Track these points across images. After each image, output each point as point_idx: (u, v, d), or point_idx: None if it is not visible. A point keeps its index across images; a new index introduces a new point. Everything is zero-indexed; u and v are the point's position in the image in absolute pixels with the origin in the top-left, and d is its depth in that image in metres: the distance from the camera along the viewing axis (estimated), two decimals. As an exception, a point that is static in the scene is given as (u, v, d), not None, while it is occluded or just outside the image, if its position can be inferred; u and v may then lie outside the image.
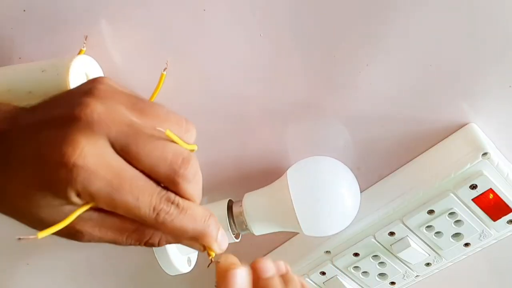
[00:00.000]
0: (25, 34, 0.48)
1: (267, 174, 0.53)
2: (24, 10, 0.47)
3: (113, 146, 0.27)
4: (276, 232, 0.52)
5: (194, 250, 0.52)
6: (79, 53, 0.47)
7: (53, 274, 0.67)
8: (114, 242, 0.30)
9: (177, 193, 0.29)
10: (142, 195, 0.27)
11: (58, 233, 0.28)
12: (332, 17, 0.45)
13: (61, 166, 0.25)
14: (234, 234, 0.51)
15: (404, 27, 0.44)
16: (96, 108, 0.26)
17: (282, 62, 0.48)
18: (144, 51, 0.49)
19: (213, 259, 0.32)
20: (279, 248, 0.60)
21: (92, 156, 0.25)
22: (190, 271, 0.53)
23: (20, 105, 0.45)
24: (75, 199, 0.26)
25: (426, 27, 0.44)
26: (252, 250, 0.61)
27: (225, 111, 0.51)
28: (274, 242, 0.60)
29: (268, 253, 0.61)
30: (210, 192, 0.56)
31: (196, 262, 0.54)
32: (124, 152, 0.27)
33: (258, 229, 0.51)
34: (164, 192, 0.28)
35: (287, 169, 0.51)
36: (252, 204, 0.50)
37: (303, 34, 0.46)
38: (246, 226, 0.50)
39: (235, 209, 0.51)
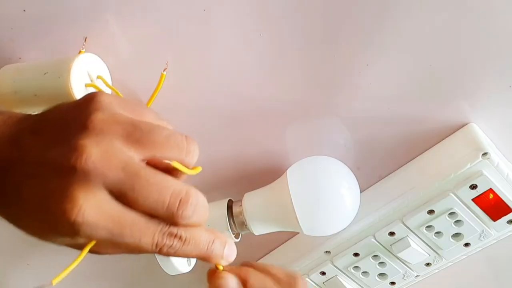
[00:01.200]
0: (25, 34, 0.48)
1: (267, 174, 0.53)
2: (24, 10, 0.47)
3: (111, 192, 0.28)
4: (276, 232, 0.52)
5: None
6: (79, 53, 0.47)
7: (53, 274, 0.67)
8: (131, 253, 0.31)
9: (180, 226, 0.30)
10: (144, 237, 0.28)
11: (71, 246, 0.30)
12: (332, 17, 0.45)
13: (64, 222, 0.27)
14: (234, 234, 0.51)
15: (404, 27, 0.44)
16: (91, 155, 0.27)
17: (282, 62, 0.48)
18: (144, 51, 0.49)
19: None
20: (279, 248, 0.60)
21: (91, 210, 0.27)
22: (190, 271, 0.53)
23: (29, 105, 0.45)
24: (82, 241, 0.29)
25: (426, 27, 0.44)
26: (252, 250, 0.61)
27: (225, 111, 0.51)
28: (274, 242, 0.60)
29: (268, 253, 0.61)
30: (210, 192, 0.56)
31: (196, 262, 0.54)
32: (122, 197, 0.28)
33: (258, 229, 0.51)
34: (166, 228, 0.29)
35: (287, 169, 0.51)
36: (252, 204, 0.50)
37: (303, 34, 0.46)
38: (246, 226, 0.50)
39: (235, 209, 0.51)
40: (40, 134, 0.29)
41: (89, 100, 0.29)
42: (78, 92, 0.44)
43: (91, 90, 0.46)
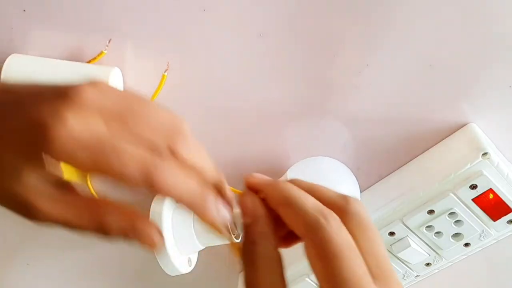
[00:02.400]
0: (25, 34, 0.48)
1: (267, 175, 0.53)
2: (24, 10, 0.47)
3: (105, 120, 0.25)
4: (276, 232, 0.52)
5: (195, 251, 0.52)
6: (99, 55, 0.47)
7: (53, 274, 0.67)
8: (69, 223, 0.27)
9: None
10: (131, 161, 0.25)
11: (8, 205, 0.26)
12: (332, 17, 0.45)
13: (44, 131, 0.24)
14: (234, 234, 0.51)
15: (404, 28, 0.44)
16: (88, 89, 0.25)
17: (282, 62, 0.48)
18: (144, 52, 0.49)
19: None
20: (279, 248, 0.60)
21: (78, 126, 0.24)
22: (190, 271, 0.53)
23: None
24: (49, 163, 0.25)
25: (426, 27, 0.44)
26: (252, 250, 0.61)
27: (225, 112, 0.51)
28: (274, 242, 0.60)
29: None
30: (210, 192, 0.56)
31: (196, 262, 0.54)
32: (116, 125, 0.25)
33: (258, 229, 0.50)
34: (158, 158, 0.26)
35: (287, 170, 0.51)
36: (252, 204, 0.50)
37: (303, 34, 0.46)
38: (246, 226, 0.50)
39: (235, 210, 0.51)
40: (22, 89, 0.27)
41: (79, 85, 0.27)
42: None
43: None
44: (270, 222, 0.30)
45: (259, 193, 0.30)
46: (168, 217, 0.49)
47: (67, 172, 0.28)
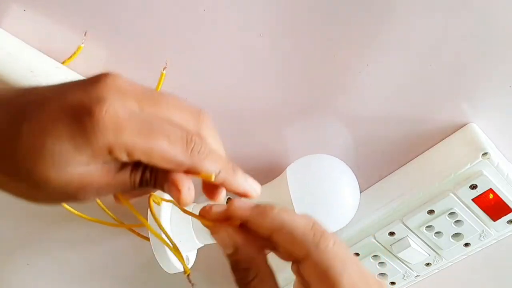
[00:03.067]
0: (25, 34, 0.48)
1: (267, 173, 0.53)
2: (24, 10, 0.47)
3: (139, 102, 0.27)
4: (276, 232, 0.52)
5: (193, 248, 0.52)
6: (77, 50, 0.48)
7: (53, 274, 0.67)
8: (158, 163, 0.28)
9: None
10: (174, 134, 0.27)
11: (58, 196, 0.27)
12: (332, 17, 0.45)
13: (91, 119, 0.25)
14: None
15: (404, 28, 0.45)
16: (118, 77, 0.27)
17: (282, 62, 0.48)
18: (144, 50, 0.49)
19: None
20: (279, 248, 0.60)
21: (120, 109, 0.26)
22: (189, 269, 0.52)
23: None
24: (103, 153, 0.26)
25: (426, 27, 0.44)
26: (252, 250, 0.61)
27: (225, 110, 0.51)
28: (274, 242, 0.60)
29: (268, 253, 0.61)
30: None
31: (195, 260, 0.54)
32: (149, 106, 0.27)
33: (258, 228, 0.50)
34: (194, 133, 0.28)
35: (286, 168, 0.51)
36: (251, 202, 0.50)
37: (303, 34, 0.46)
38: (246, 225, 0.50)
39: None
40: (52, 87, 0.28)
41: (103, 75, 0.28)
42: None
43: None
44: (253, 243, 0.31)
45: (235, 220, 0.31)
46: (167, 215, 0.49)
47: None
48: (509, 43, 0.44)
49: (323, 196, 0.48)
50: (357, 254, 0.54)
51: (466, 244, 0.51)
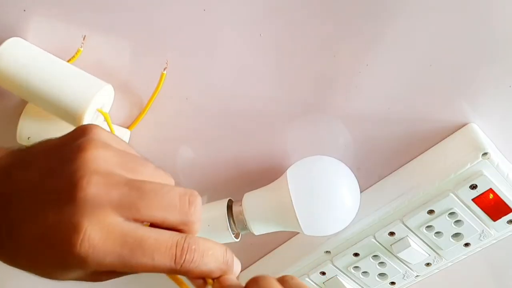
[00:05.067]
0: (25, 34, 0.48)
1: (267, 174, 0.53)
2: (24, 10, 0.47)
3: (117, 210, 0.26)
4: (276, 232, 0.52)
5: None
6: (76, 53, 0.48)
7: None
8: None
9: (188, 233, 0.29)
10: (158, 253, 0.26)
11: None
12: (332, 17, 0.45)
13: (71, 253, 0.25)
14: (234, 233, 0.51)
15: (404, 27, 0.44)
16: (91, 180, 0.26)
17: (282, 62, 0.48)
18: (144, 50, 0.49)
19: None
20: (279, 248, 0.60)
21: (96, 234, 0.25)
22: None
23: (31, 79, 0.44)
24: (91, 270, 0.27)
25: (426, 27, 0.44)
26: (252, 250, 0.61)
27: (225, 111, 0.51)
28: (274, 242, 0.60)
29: (268, 253, 0.61)
30: (210, 192, 0.56)
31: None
32: (130, 213, 0.27)
33: (258, 228, 0.51)
34: (182, 239, 0.27)
35: (287, 169, 0.51)
36: (252, 203, 0.50)
37: (303, 34, 0.46)
38: (246, 225, 0.50)
39: (235, 209, 0.51)
40: (32, 166, 0.28)
41: (81, 132, 0.28)
42: (89, 117, 0.46)
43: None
44: None
45: None
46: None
47: None
48: (509, 43, 0.44)
49: (324, 198, 0.48)
50: (357, 254, 0.54)
51: (466, 244, 0.51)
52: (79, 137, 0.28)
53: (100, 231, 0.25)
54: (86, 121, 0.45)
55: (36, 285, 0.68)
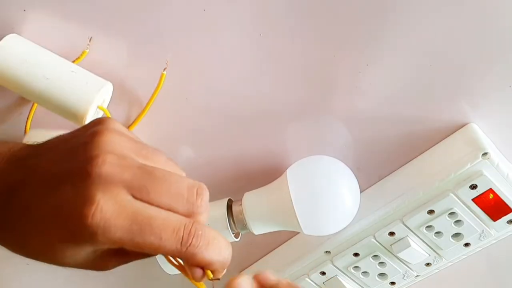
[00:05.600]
0: (25, 34, 0.48)
1: (267, 174, 0.53)
2: (24, 10, 0.47)
3: (129, 190, 0.27)
4: (276, 232, 0.52)
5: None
6: (81, 55, 0.48)
7: (53, 274, 0.67)
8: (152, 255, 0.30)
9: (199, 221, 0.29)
10: (165, 233, 0.27)
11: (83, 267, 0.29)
12: (332, 17, 0.45)
13: (82, 225, 0.26)
14: (233, 233, 0.51)
15: (404, 27, 0.45)
16: (106, 159, 0.27)
17: (282, 62, 0.48)
18: (144, 50, 0.49)
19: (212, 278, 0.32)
20: (279, 248, 0.60)
21: (109, 207, 0.26)
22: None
23: (33, 82, 0.45)
24: (100, 246, 0.27)
25: (426, 27, 0.44)
26: (252, 249, 0.61)
27: (225, 111, 0.51)
28: (274, 242, 0.60)
29: (268, 253, 0.61)
30: (210, 191, 0.56)
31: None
32: (141, 194, 0.27)
33: (258, 228, 0.51)
34: (189, 223, 0.28)
35: (287, 169, 0.51)
36: (252, 203, 0.50)
37: (303, 34, 0.46)
38: (245, 225, 0.50)
39: (234, 209, 0.51)
40: (44, 155, 0.29)
41: (97, 123, 0.29)
42: (91, 115, 0.46)
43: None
44: None
45: None
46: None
47: None
48: (509, 43, 0.44)
49: (324, 198, 0.48)
50: (357, 254, 0.54)
51: (466, 244, 0.51)
52: (94, 126, 0.29)
53: (112, 206, 0.26)
54: (88, 118, 0.45)
55: (37, 283, 0.68)
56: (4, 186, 0.28)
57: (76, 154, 0.28)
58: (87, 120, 0.46)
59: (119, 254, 0.30)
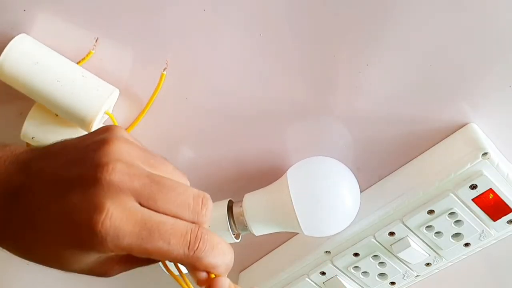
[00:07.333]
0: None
1: (267, 174, 0.53)
2: (24, 10, 0.47)
3: (137, 198, 0.28)
4: (276, 232, 0.52)
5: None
6: (87, 55, 0.48)
7: (53, 274, 0.67)
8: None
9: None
10: (174, 238, 0.28)
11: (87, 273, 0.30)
12: (332, 17, 0.45)
13: (92, 232, 0.26)
14: (234, 234, 0.51)
15: (404, 27, 0.44)
16: (115, 167, 0.27)
17: (282, 62, 0.48)
18: (144, 51, 0.49)
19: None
20: (279, 248, 0.60)
21: (118, 214, 0.27)
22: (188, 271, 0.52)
23: (42, 83, 0.44)
24: (107, 253, 0.28)
25: (426, 27, 0.44)
26: (252, 250, 0.61)
27: (225, 111, 0.51)
28: (274, 242, 0.60)
29: (268, 253, 0.61)
30: (210, 192, 0.56)
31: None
32: (148, 202, 0.28)
33: (258, 229, 0.51)
34: (196, 228, 0.29)
35: (287, 169, 0.51)
36: (252, 204, 0.50)
37: (303, 34, 0.46)
38: (246, 226, 0.50)
39: (235, 210, 0.51)
40: (50, 159, 0.29)
41: (105, 130, 0.30)
42: (98, 120, 0.46)
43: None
44: None
45: None
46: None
47: None
48: (509, 43, 0.44)
49: (324, 199, 0.48)
50: (357, 254, 0.54)
51: (466, 244, 0.51)
52: (103, 133, 0.30)
53: (121, 213, 0.27)
54: (96, 123, 0.46)
55: (37, 283, 0.68)
56: (7, 189, 0.28)
57: (84, 160, 0.28)
58: (94, 125, 0.46)
59: (123, 260, 0.30)
